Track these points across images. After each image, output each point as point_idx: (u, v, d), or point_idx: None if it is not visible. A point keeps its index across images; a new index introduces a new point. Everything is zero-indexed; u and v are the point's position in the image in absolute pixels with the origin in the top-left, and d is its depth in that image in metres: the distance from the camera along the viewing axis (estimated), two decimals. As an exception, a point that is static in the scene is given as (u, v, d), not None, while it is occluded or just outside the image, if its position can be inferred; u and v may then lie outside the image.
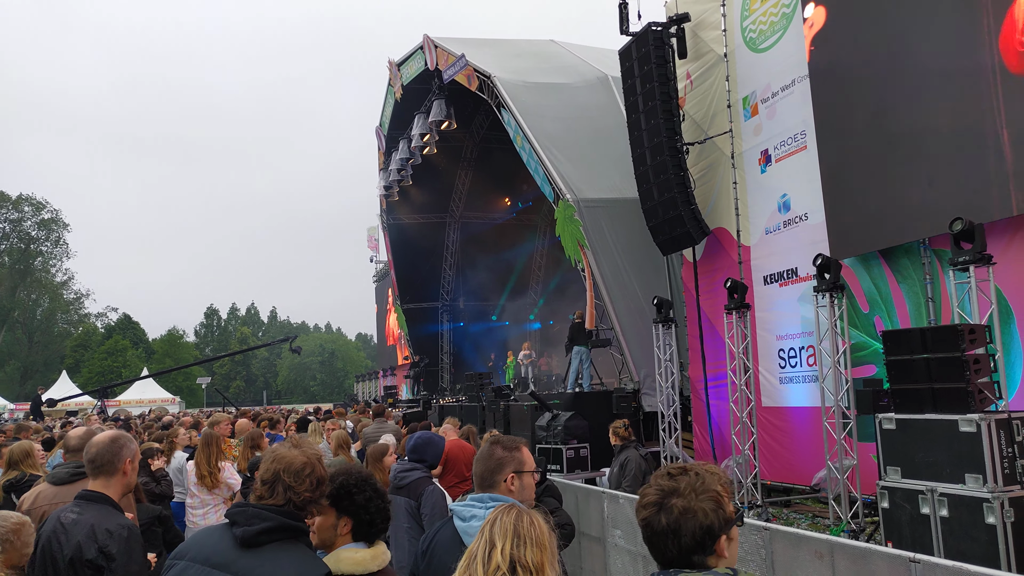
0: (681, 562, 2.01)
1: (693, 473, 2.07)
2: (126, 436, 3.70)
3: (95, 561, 3.23)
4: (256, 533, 2.56)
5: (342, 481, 2.88)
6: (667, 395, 12.77)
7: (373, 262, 44.70)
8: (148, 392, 49.24)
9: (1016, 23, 7.67)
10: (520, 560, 2.15)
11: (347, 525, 2.85)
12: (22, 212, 68.94)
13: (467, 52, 19.70)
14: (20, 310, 70.49)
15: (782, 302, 11.41)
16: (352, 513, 2.85)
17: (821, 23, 10.14)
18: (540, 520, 2.27)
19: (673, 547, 2.00)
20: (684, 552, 1.99)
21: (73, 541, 3.25)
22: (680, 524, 1.98)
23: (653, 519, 2.02)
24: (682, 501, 2.00)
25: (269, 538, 2.58)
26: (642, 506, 2.06)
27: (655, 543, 2.03)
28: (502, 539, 2.18)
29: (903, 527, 6.24)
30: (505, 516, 2.25)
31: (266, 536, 2.58)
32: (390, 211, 29.26)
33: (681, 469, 2.09)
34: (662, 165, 12.47)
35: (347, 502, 2.85)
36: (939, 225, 7.81)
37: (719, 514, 2.01)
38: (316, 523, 2.83)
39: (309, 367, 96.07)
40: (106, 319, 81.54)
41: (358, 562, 2.78)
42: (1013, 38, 7.69)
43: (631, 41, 13.14)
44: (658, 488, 2.06)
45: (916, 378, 6.38)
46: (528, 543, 2.18)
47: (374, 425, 11.01)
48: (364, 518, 2.87)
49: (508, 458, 3.03)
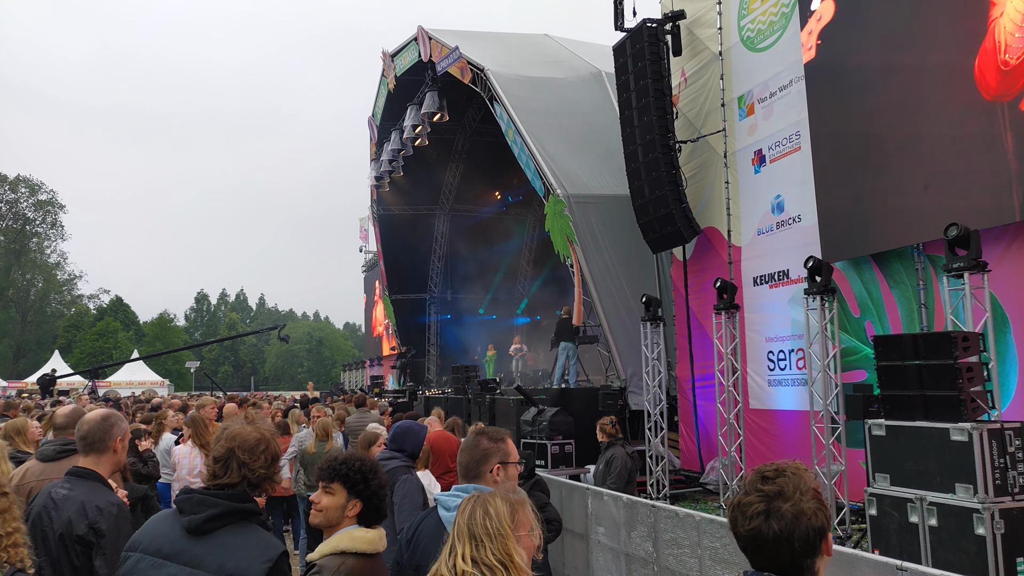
0: (791, 569, 1.91)
1: (790, 472, 1.98)
2: (117, 415, 3.70)
3: (85, 537, 3.24)
4: (203, 521, 2.57)
5: (359, 465, 2.95)
6: (654, 394, 12.69)
7: (363, 252, 44.56)
8: (138, 374, 49.25)
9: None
10: (484, 560, 2.13)
11: (355, 508, 2.91)
12: (18, 193, 69.37)
13: (461, 45, 19.57)
14: (14, 290, 71.09)
15: (773, 304, 11.34)
16: (365, 497, 2.92)
17: (830, 16, 9.99)
18: (497, 505, 2.24)
19: (786, 554, 1.90)
20: (797, 557, 1.90)
21: (63, 517, 3.26)
22: (794, 529, 1.88)
23: (763, 527, 1.90)
24: (791, 505, 1.90)
25: (218, 524, 2.59)
26: (748, 517, 1.94)
27: (764, 553, 1.92)
28: (460, 543, 2.18)
29: (891, 535, 6.17)
30: (460, 517, 2.24)
31: (213, 523, 2.58)
32: (381, 202, 29.11)
33: (776, 470, 2.00)
34: (654, 162, 12.38)
35: (362, 486, 2.92)
36: (934, 230, 7.74)
37: (825, 511, 1.94)
38: (324, 503, 2.90)
39: (297, 355, 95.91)
40: (98, 301, 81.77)
41: (370, 541, 2.86)
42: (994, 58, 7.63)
43: (625, 37, 13.04)
44: (761, 495, 1.94)
45: (907, 385, 6.30)
46: (485, 540, 2.16)
47: (357, 414, 10.92)
48: (374, 503, 2.94)
49: (494, 449, 3.04)
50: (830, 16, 9.96)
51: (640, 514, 6.80)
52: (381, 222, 29.78)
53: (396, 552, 3.09)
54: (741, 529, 1.95)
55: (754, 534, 1.92)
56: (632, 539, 6.75)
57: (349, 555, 2.80)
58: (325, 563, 2.79)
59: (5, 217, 69.42)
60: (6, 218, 69.47)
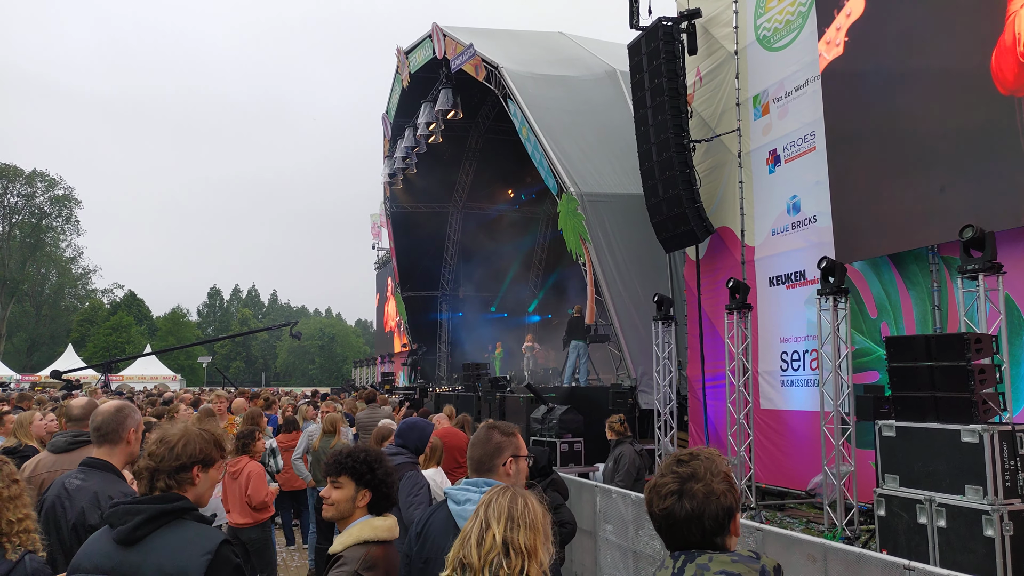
0: (704, 545, 2.00)
1: (704, 456, 2.07)
2: (130, 406, 3.73)
3: (98, 527, 3.20)
4: (131, 529, 2.56)
5: (364, 456, 3.05)
6: (664, 393, 12.68)
7: (375, 249, 44.69)
8: (150, 369, 49.57)
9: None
10: (513, 542, 2.16)
11: (365, 497, 3.01)
12: (35, 187, 69.97)
13: (475, 42, 19.58)
14: (29, 283, 71.65)
15: (788, 304, 11.29)
16: (373, 486, 3.02)
17: (860, 12, 9.87)
18: (534, 502, 2.28)
19: (696, 532, 2.00)
20: (707, 535, 2.00)
21: (77, 507, 3.29)
22: (704, 508, 1.98)
23: (675, 507, 2.00)
24: (702, 486, 2.00)
25: (148, 529, 2.57)
26: (662, 496, 2.03)
27: (676, 531, 2.02)
28: (496, 521, 2.20)
29: (899, 536, 6.15)
30: (500, 498, 2.26)
31: (143, 529, 2.57)
32: (394, 199, 29.17)
33: (690, 454, 2.09)
34: (668, 162, 12.35)
35: (369, 476, 3.01)
36: (949, 232, 7.70)
37: (734, 493, 2.03)
38: (334, 496, 3.00)
39: (308, 351, 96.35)
40: (112, 295, 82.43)
41: (389, 528, 2.99)
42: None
43: (640, 35, 13.01)
44: (675, 476, 2.04)
45: (919, 386, 6.28)
46: (521, 525, 2.19)
47: (367, 410, 10.96)
48: (383, 491, 3.04)
49: (506, 443, 3.06)
50: (860, 12, 9.85)
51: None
52: (394, 219, 29.84)
53: (405, 545, 3.10)
54: (656, 509, 2.04)
55: (667, 513, 2.02)
56: (640, 537, 6.75)
57: (372, 544, 2.90)
58: (350, 554, 2.87)
59: (21, 211, 70.14)
60: (22, 212, 70.18)
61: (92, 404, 4.37)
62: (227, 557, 2.65)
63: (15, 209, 69.74)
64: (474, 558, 2.15)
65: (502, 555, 2.13)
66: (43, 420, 5.85)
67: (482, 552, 2.15)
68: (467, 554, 2.17)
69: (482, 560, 2.14)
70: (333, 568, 2.87)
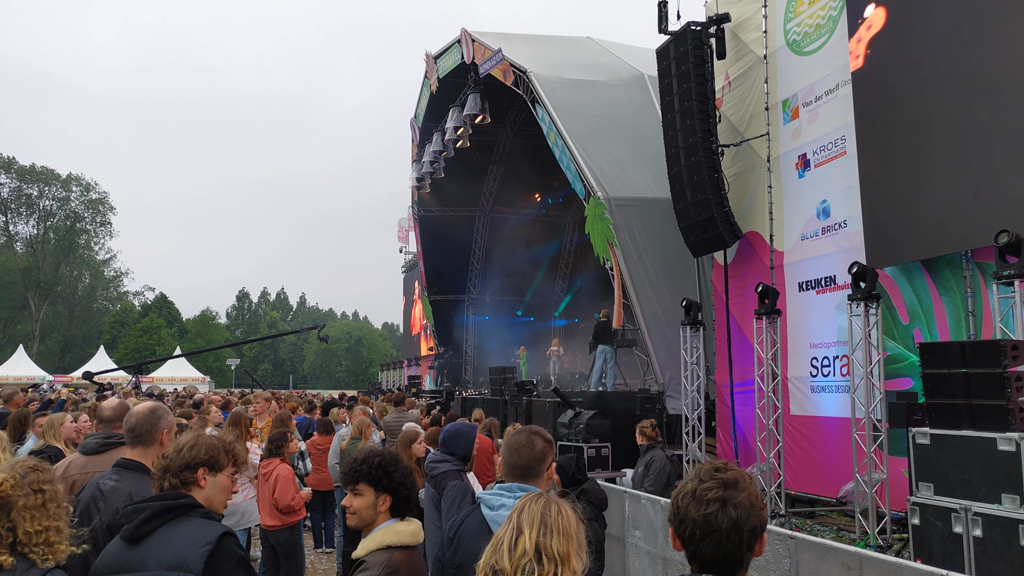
0: (734, 560, 1.92)
1: (735, 467, 2.02)
2: (164, 408, 3.77)
3: None
4: (137, 526, 2.66)
5: (378, 461, 3.00)
6: (692, 398, 12.62)
7: (402, 253, 44.89)
8: (180, 371, 50.10)
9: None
10: (546, 549, 2.13)
11: (386, 502, 2.97)
12: (70, 191, 71.42)
13: (504, 47, 19.65)
14: (63, 286, 72.90)
15: (818, 309, 11.20)
16: (392, 490, 2.97)
17: (880, 24, 9.84)
18: (568, 510, 2.26)
19: (734, 543, 1.91)
20: (742, 548, 1.92)
21: (111, 508, 3.30)
22: (747, 518, 1.91)
23: (718, 513, 1.92)
24: (746, 496, 1.93)
25: (152, 526, 2.67)
26: (703, 502, 1.95)
27: (712, 539, 1.91)
28: (529, 527, 2.17)
29: (934, 545, 6.08)
30: (533, 504, 2.25)
31: (147, 526, 2.66)
32: (421, 203, 29.32)
33: (725, 465, 2.03)
34: (696, 166, 12.31)
35: (386, 480, 2.97)
36: (984, 237, 7.60)
37: (765, 510, 1.98)
38: (355, 505, 2.96)
39: (335, 354, 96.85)
40: (143, 298, 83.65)
41: (412, 533, 2.95)
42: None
43: (669, 40, 12.97)
44: (717, 482, 1.96)
45: (954, 393, 6.21)
46: (555, 532, 2.17)
47: (395, 413, 11.01)
48: (403, 493, 2.99)
49: (548, 449, 3.07)
50: (881, 24, 9.81)
51: (678, 517, 6.78)
52: (421, 223, 29.99)
53: (438, 550, 3.11)
54: (694, 514, 1.94)
55: (708, 519, 1.92)
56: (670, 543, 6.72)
57: (395, 549, 2.88)
58: (372, 559, 2.86)
59: (56, 215, 71.47)
60: (56, 215, 71.52)
61: (123, 406, 4.43)
62: (229, 548, 2.69)
63: (50, 212, 71.33)
64: (506, 563, 2.13)
65: (534, 561, 2.11)
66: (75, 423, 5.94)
67: (514, 558, 2.13)
68: (499, 560, 2.15)
69: (514, 566, 2.12)
70: (356, 573, 2.86)
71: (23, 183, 69.30)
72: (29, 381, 37.18)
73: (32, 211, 70.72)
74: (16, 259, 69.44)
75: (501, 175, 29.29)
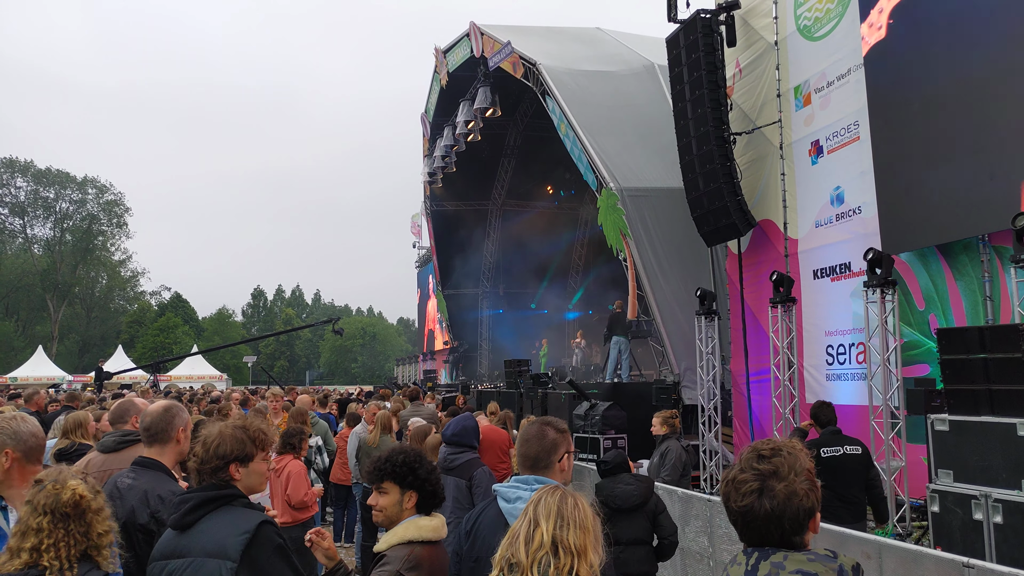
0: (781, 544, 1.95)
1: (786, 452, 2.00)
2: (178, 406, 3.77)
3: (147, 526, 3.31)
4: (183, 515, 2.80)
5: (403, 459, 3.02)
6: (708, 388, 12.58)
7: (416, 247, 44.92)
8: (197, 369, 50.36)
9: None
10: (562, 541, 2.14)
11: (412, 499, 2.98)
12: (86, 193, 72.14)
13: (513, 39, 19.59)
14: (80, 286, 73.59)
15: (833, 297, 11.12)
16: (417, 487, 2.99)
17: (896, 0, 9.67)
18: (584, 502, 2.26)
19: (776, 532, 1.94)
20: (786, 535, 1.94)
21: (127, 506, 3.33)
22: (785, 509, 1.92)
23: (755, 505, 1.94)
24: (784, 486, 1.93)
25: (198, 515, 2.79)
26: (741, 493, 1.97)
27: (755, 529, 1.96)
28: (545, 519, 2.18)
29: (954, 532, 6.03)
30: (549, 497, 2.25)
31: (194, 514, 2.79)
32: (434, 197, 29.37)
33: (772, 449, 2.02)
34: (708, 155, 12.24)
35: (411, 477, 2.98)
36: (1001, 220, 7.52)
37: (816, 492, 1.97)
38: (381, 503, 2.99)
39: (351, 350, 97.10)
40: (159, 297, 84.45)
41: (435, 528, 2.96)
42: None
43: (679, 29, 12.90)
44: (755, 473, 1.97)
45: (972, 378, 6.14)
46: (571, 525, 2.17)
47: (410, 408, 11.04)
48: (428, 489, 3.00)
49: (561, 439, 3.05)
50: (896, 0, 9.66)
51: (696, 508, 6.77)
52: (434, 218, 30.04)
53: (455, 543, 3.11)
54: (734, 504, 1.98)
55: (746, 510, 1.96)
56: (687, 533, 6.71)
57: (416, 544, 2.88)
58: (393, 553, 2.86)
59: (73, 216, 72.13)
60: (73, 217, 72.19)
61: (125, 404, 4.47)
62: (268, 536, 2.76)
63: (67, 214, 72.14)
64: (522, 556, 2.13)
65: (551, 554, 2.11)
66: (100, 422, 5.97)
67: (530, 550, 2.13)
68: (515, 552, 2.15)
69: (530, 558, 2.12)
70: (376, 567, 2.86)
71: (40, 186, 70.08)
72: (49, 381, 37.56)
73: (49, 214, 71.57)
74: (34, 261, 70.19)
75: (513, 168, 29.27)
